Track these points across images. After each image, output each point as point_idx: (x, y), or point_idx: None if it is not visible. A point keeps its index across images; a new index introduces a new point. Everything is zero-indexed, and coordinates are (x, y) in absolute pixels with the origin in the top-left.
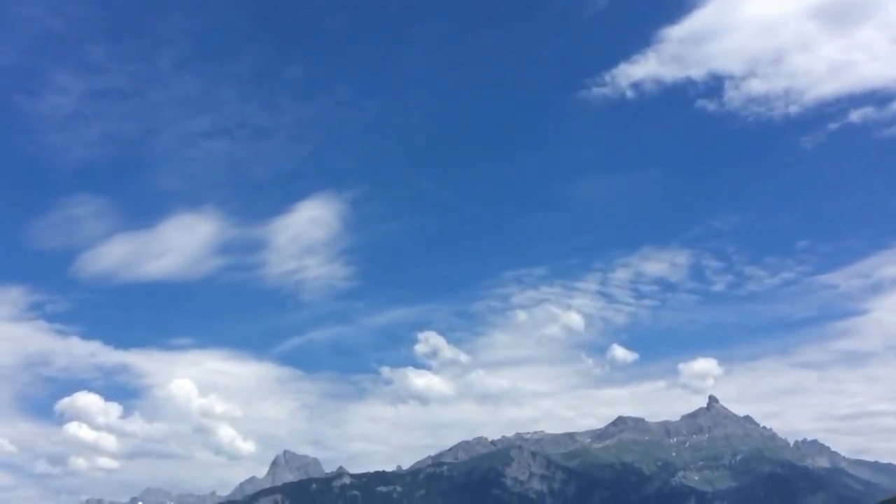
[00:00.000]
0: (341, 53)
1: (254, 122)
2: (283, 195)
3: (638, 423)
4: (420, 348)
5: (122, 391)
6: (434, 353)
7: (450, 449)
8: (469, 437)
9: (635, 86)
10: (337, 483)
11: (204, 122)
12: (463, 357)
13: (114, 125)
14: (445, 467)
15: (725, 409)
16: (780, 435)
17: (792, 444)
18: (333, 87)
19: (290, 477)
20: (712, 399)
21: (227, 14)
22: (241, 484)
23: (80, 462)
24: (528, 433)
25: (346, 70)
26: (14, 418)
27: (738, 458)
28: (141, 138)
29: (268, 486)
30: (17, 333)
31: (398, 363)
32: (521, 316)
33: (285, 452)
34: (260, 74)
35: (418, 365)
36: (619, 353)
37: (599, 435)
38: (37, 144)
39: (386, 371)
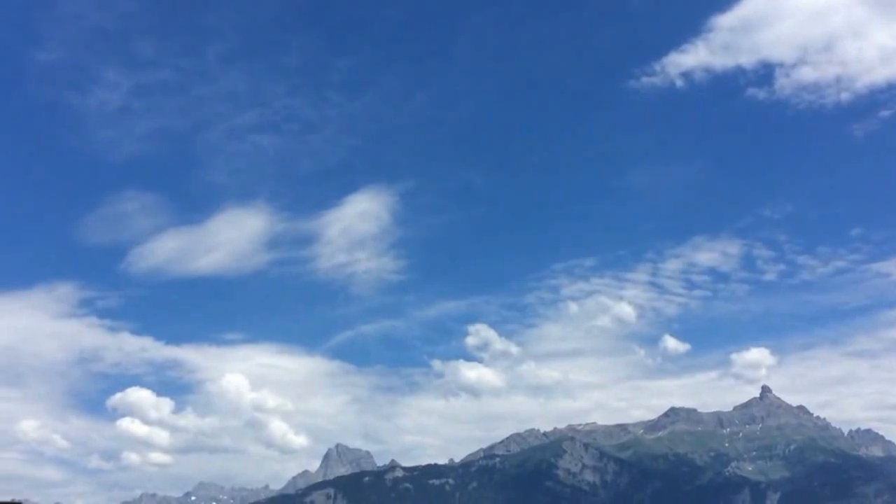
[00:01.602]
0: (389, 46)
1: (302, 116)
2: (333, 189)
3: (690, 413)
4: (471, 341)
5: (174, 386)
6: (485, 346)
7: (502, 441)
8: (521, 429)
9: (685, 75)
10: (389, 476)
11: (252, 116)
12: (514, 349)
13: (162, 120)
14: (497, 459)
15: (779, 399)
16: (833, 424)
17: (846, 434)
18: (381, 80)
19: (342, 470)
20: (765, 389)
21: (274, 8)
22: (294, 478)
23: (132, 457)
24: (580, 425)
25: (395, 63)
26: (67, 414)
27: (792, 448)
28: (190, 133)
29: (320, 479)
30: (69, 330)
31: (449, 356)
32: (572, 307)
33: (337, 446)
34: (308, 68)
35: (469, 357)
36: (671, 343)
37: (652, 426)
38: (86, 140)
39: (437, 364)
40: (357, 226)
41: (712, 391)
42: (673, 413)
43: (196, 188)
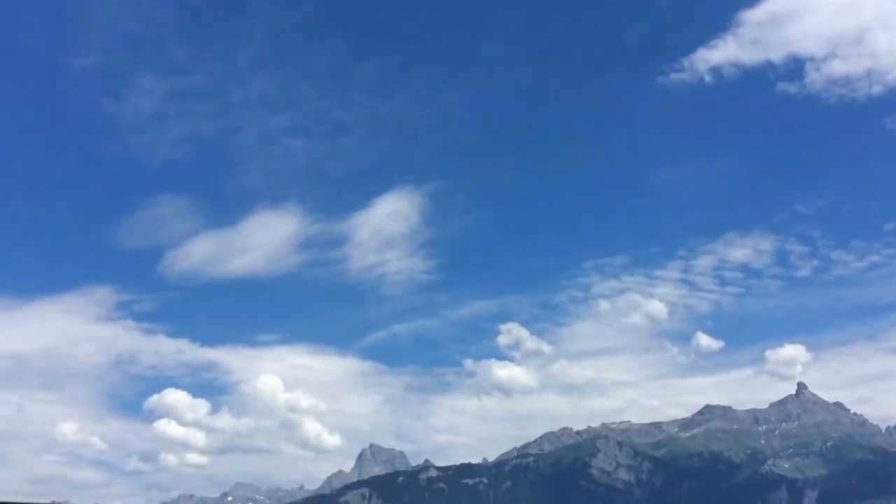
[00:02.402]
0: (417, 48)
1: (332, 119)
2: (363, 190)
3: (726, 411)
4: (502, 340)
5: (210, 388)
6: (517, 345)
7: (535, 440)
8: (554, 428)
9: (714, 70)
10: (423, 476)
11: (283, 119)
12: (546, 348)
13: (196, 125)
14: (531, 459)
15: (815, 395)
16: (871, 421)
17: (884, 430)
18: (410, 82)
19: (376, 470)
20: (801, 386)
21: (303, 13)
22: (329, 478)
23: (170, 458)
24: (613, 423)
25: (423, 64)
26: (105, 416)
27: (829, 444)
28: (222, 137)
29: (355, 479)
30: (106, 333)
31: (481, 355)
32: (604, 305)
33: (371, 446)
34: (337, 71)
35: (501, 356)
36: (704, 341)
37: (686, 424)
38: (122, 145)
39: (469, 363)
40: (387, 226)
41: (747, 388)
42: (708, 411)
43: (229, 191)
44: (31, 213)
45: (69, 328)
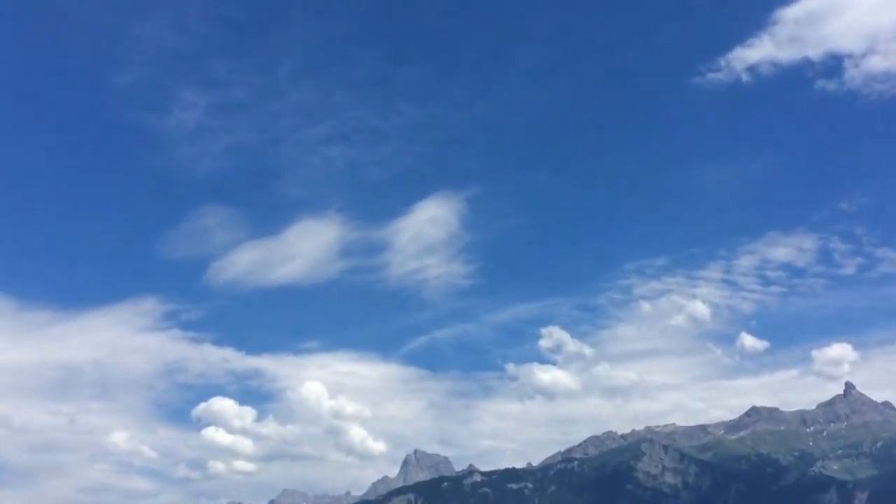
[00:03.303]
0: (454, 54)
1: (370, 127)
2: (402, 196)
3: (772, 412)
4: (544, 343)
5: (256, 395)
6: (558, 348)
7: (579, 444)
8: (598, 432)
9: (751, 69)
10: (468, 481)
11: (322, 128)
12: (587, 351)
13: (238, 137)
14: (576, 463)
15: (863, 395)
16: None
17: None
18: (447, 88)
19: (421, 476)
20: (849, 386)
21: (340, 23)
22: (374, 484)
23: (218, 466)
24: (658, 426)
25: (460, 70)
26: (154, 425)
27: (879, 445)
28: (264, 148)
29: (400, 485)
30: (154, 343)
31: (523, 359)
32: (645, 307)
33: (415, 451)
34: (375, 80)
35: (543, 360)
36: (749, 341)
37: (733, 426)
38: (166, 159)
39: (511, 367)
40: (427, 232)
41: (794, 389)
42: (754, 412)
43: (271, 201)
44: (80, 227)
45: (119, 339)
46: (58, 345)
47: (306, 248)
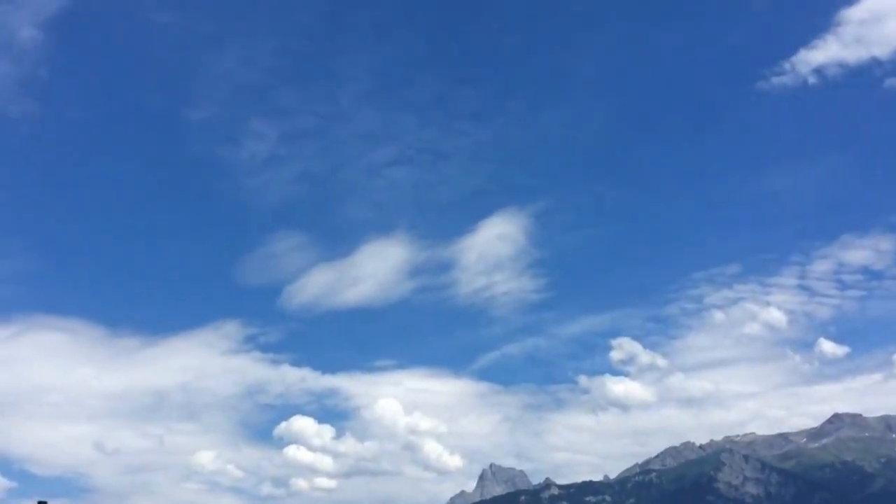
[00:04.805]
0: (513, 72)
1: (434, 148)
2: (468, 215)
3: (855, 419)
4: (615, 355)
5: (333, 413)
6: (630, 359)
7: (657, 456)
8: (675, 443)
9: (817, 71)
10: (545, 494)
11: (387, 151)
12: (660, 361)
13: (306, 164)
14: (654, 474)
15: None
16: None
17: None
18: (508, 106)
19: (497, 490)
20: None
21: (400, 48)
22: (452, 498)
23: (300, 483)
24: (737, 436)
25: (519, 87)
26: (240, 445)
27: None
28: (331, 173)
29: (477, 499)
30: (236, 365)
31: (595, 371)
32: (718, 316)
33: (491, 465)
34: (436, 101)
35: (615, 372)
36: (828, 347)
37: (814, 434)
38: (239, 189)
39: (583, 380)
40: (493, 249)
41: (877, 394)
42: (836, 419)
43: (340, 225)
44: (163, 257)
45: (203, 362)
46: (147, 369)
47: (376, 268)
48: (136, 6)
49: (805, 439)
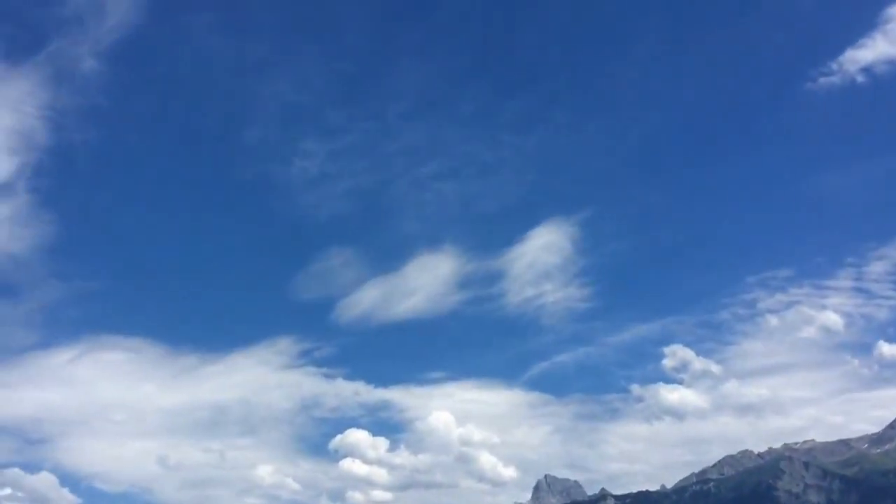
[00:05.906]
0: (556, 82)
1: (479, 160)
2: (514, 225)
3: None
4: (668, 363)
5: (387, 426)
6: (683, 367)
7: (714, 464)
8: (732, 451)
9: (866, 70)
10: None
11: (433, 165)
12: (714, 368)
13: (355, 180)
14: (712, 484)
15: None
16: None
17: None
18: (552, 116)
19: (553, 501)
20: None
21: (444, 63)
22: None
23: (356, 496)
24: (796, 443)
25: (563, 97)
26: (296, 458)
27: None
28: (379, 189)
29: None
30: (292, 380)
31: (647, 380)
32: (772, 321)
33: (546, 476)
34: (480, 114)
35: (668, 380)
36: (888, 350)
37: (877, 439)
38: (292, 206)
39: (636, 389)
40: (541, 258)
41: None
42: None
43: (389, 239)
44: (219, 276)
45: (260, 377)
46: (206, 386)
47: (425, 281)
48: (192, 33)
49: (867, 445)
